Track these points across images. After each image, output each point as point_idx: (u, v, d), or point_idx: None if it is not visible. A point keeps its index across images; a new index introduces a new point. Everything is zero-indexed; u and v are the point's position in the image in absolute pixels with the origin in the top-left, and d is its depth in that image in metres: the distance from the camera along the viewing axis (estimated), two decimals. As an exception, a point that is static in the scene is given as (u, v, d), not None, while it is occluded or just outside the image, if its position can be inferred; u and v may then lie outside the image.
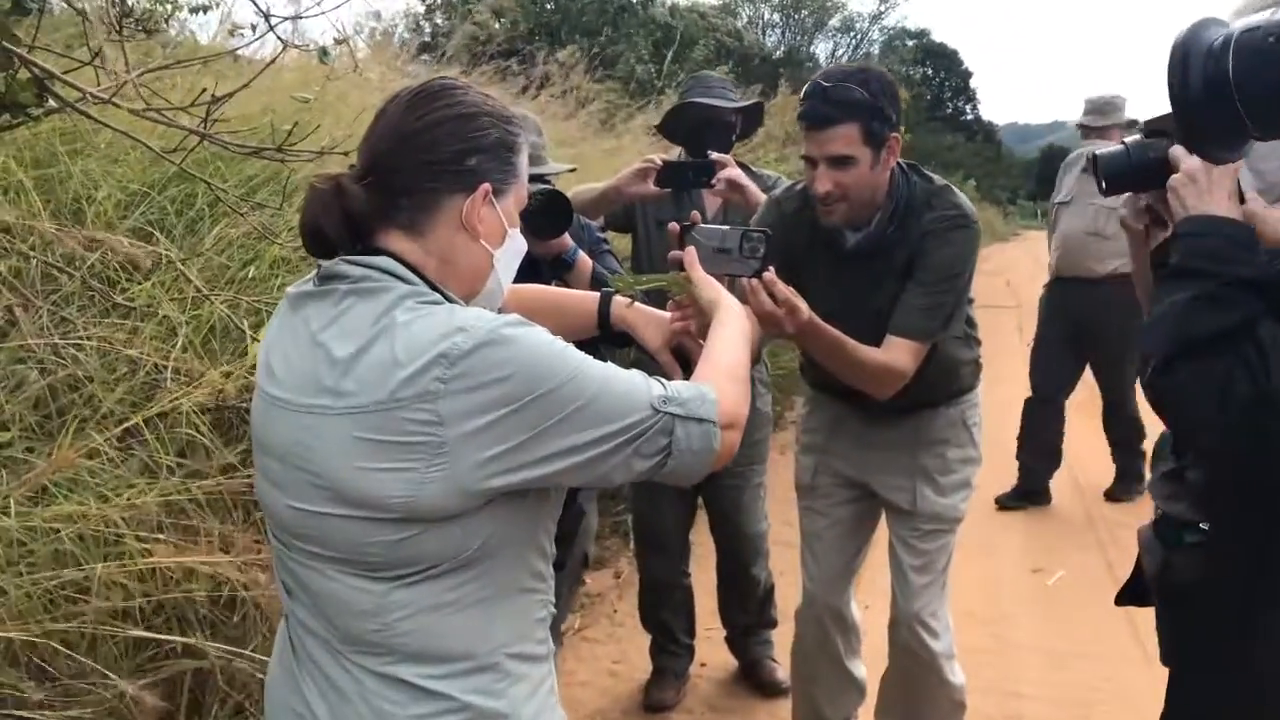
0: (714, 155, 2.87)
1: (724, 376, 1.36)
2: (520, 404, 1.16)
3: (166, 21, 3.99)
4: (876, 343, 2.22)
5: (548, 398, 1.17)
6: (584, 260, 2.49)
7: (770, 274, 1.92)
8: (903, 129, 2.27)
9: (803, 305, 2.02)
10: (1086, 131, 5.01)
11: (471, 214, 1.28)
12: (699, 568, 3.40)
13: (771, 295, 1.96)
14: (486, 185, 1.29)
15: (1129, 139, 1.53)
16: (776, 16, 20.09)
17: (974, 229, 2.34)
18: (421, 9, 13.95)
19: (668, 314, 1.63)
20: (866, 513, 2.68)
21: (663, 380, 1.28)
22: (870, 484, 2.61)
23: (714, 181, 2.84)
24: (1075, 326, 5.08)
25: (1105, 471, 5.27)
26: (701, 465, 1.27)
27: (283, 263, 3.16)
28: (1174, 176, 1.44)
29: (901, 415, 2.51)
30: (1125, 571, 1.75)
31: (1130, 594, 1.75)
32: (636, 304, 1.66)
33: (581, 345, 1.28)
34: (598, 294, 1.68)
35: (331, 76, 3.46)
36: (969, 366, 2.58)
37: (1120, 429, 5.28)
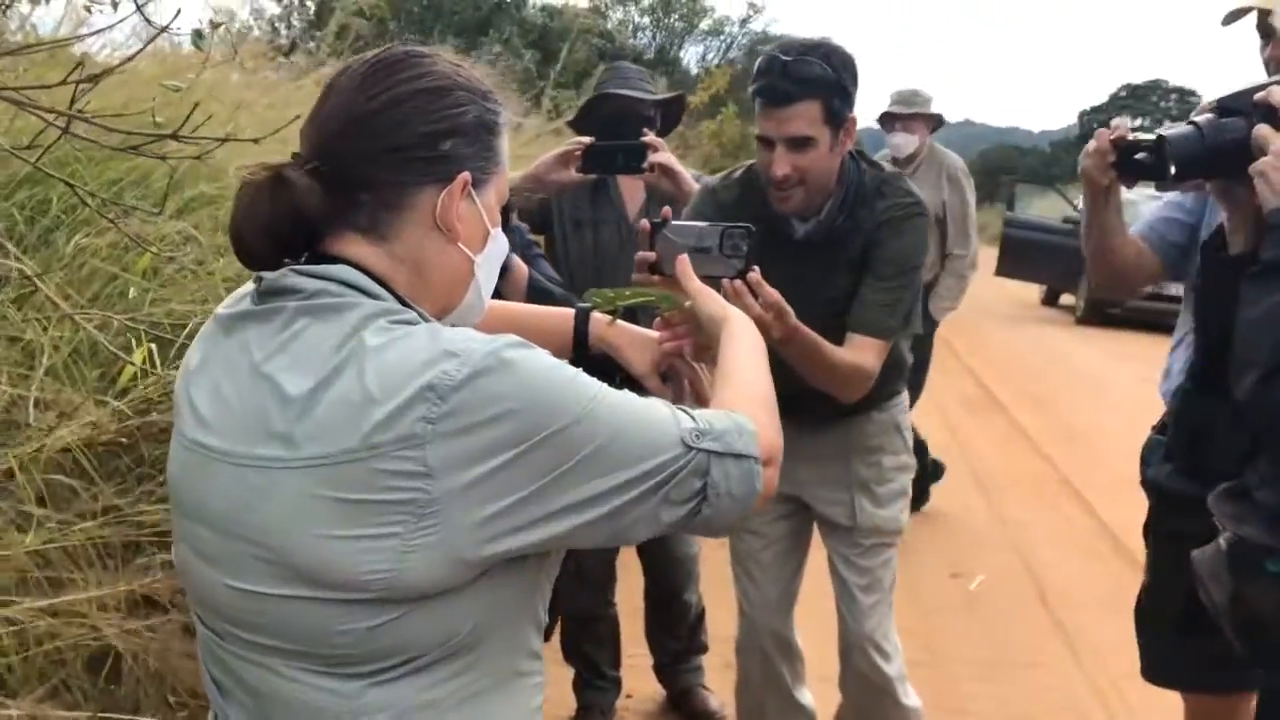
0: (648, 137, 2.61)
1: (754, 401, 1.14)
2: (527, 446, 0.94)
3: (4, 11, 3.56)
4: (826, 338, 2.05)
5: (560, 437, 0.95)
6: (519, 266, 2.25)
7: (755, 274, 1.74)
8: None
9: (789, 308, 1.86)
10: (889, 120, 4.83)
11: (448, 211, 1.04)
12: (622, 587, 3.16)
13: (757, 297, 1.78)
14: (465, 175, 1.05)
15: (1200, 117, 1.36)
16: (647, 19, 20.09)
17: (926, 217, 2.24)
18: (277, 9, 13.37)
19: (655, 333, 1.41)
20: (802, 528, 2.51)
21: (689, 410, 1.06)
22: (804, 497, 2.43)
23: (646, 166, 2.59)
24: None
25: (1006, 468, 5.29)
26: (741, 511, 1.05)
27: (154, 274, 2.81)
28: (1263, 160, 1.28)
29: (835, 421, 2.35)
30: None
31: (1188, 625, 1.62)
32: (619, 322, 1.43)
33: None
34: (572, 311, 1.45)
35: (208, 64, 3.09)
36: (905, 366, 2.46)
37: None
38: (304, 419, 0.93)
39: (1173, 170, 1.38)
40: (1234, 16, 1.95)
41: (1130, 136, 1.73)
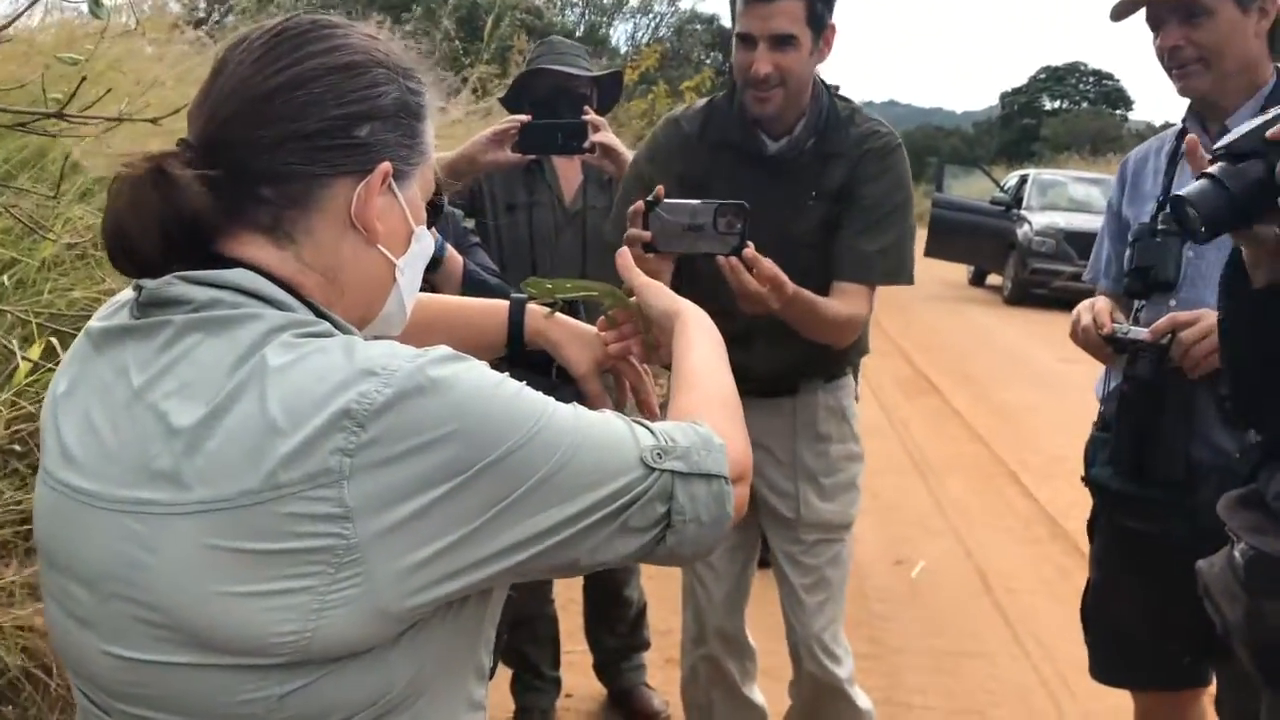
0: (588, 115, 2.45)
1: (718, 409, 1.01)
2: (463, 478, 0.80)
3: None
4: (785, 270, 1.90)
5: (501, 466, 0.82)
6: (454, 257, 2.07)
7: (751, 249, 1.68)
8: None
9: (786, 279, 1.81)
10: None
11: (365, 207, 0.90)
12: (559, 580, 3.01)
13: (754, 273, 1.73)
14: (386, 165, 0.90)
15: (1214, 168, 1.30)
16: (576, -3, 19.80)
17: (904, 151, 2.17)
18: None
19: (597, 330, 1.28)
20: (750, 521, 2.36)
21: (645, 422, 0.92)
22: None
23: (587, 145, 2.42)
24: None
25: (941, 451, 5.27)
26: (711, 539, 0.92)
27: (54, 265, 2.60)
28: None
29: (782, 396, 2.25)
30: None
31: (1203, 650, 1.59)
32: (557, 315, 1.29)
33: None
34: (506, 303, 1.30)
35: (108, 35, 2.85)
36: (864, 332, 2.32)
37: None
38: (194, 455, 0.79)
39: (1204, 230, 1.32)
40: (1123, 11, 1.94)
41: (1119, 332, 1.84)
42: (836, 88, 2.20)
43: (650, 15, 20.31)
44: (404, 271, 0.96)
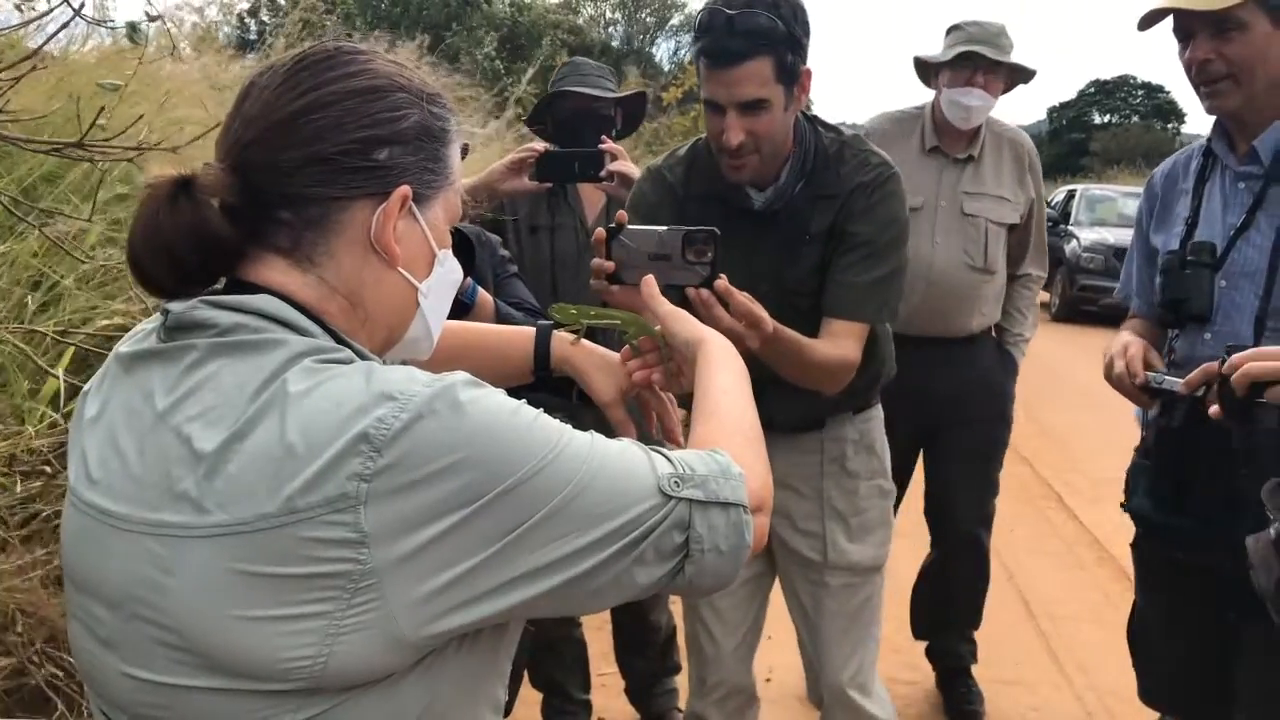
0: (606, 144, 2.45)
1: (739, 438, 1.00)
2: (480, 504, 0.80)
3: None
4: (782, 320, 1.81)
5: (518, 493, 0.81)
6: (485, 299, 2.03)
7: (724, 281, 1.54)
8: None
9: (764, 314, 1.67)
10: (960, 68, 3.02)
11: (385, 230, 0.90)
12: None
13: (728, 307, 1.59)
14: (405, 189, 0.91)
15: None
16: (618, 15, 19.87)
17: (899, 181, 2.00)
18: (246, 4, 13.12)
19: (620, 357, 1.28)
20: (766, 570, 2.25)
21: (664, 450, 0.92)
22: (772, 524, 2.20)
23: (603, 174, 2.41)
24: None
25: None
26: (730, 569, 0.91)
27: (85, 281, 2.62)
28: None
29: (807, 432, 2.13)
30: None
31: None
32: (583, 342, 1.29)
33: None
34: (532, 329, 1.31)
35: (144, 60, 2.89)
36: (884, 369, 2.21)
37: None
38: (214, 479, 0.79)
39: None
40: (1150, 20, 1.86)
41: (1153, 382, 1.78)
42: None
43: (646, 34, 20.38)
44: (427, 295, 0.97)
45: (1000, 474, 3.16)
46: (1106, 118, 50.89)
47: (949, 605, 3.22)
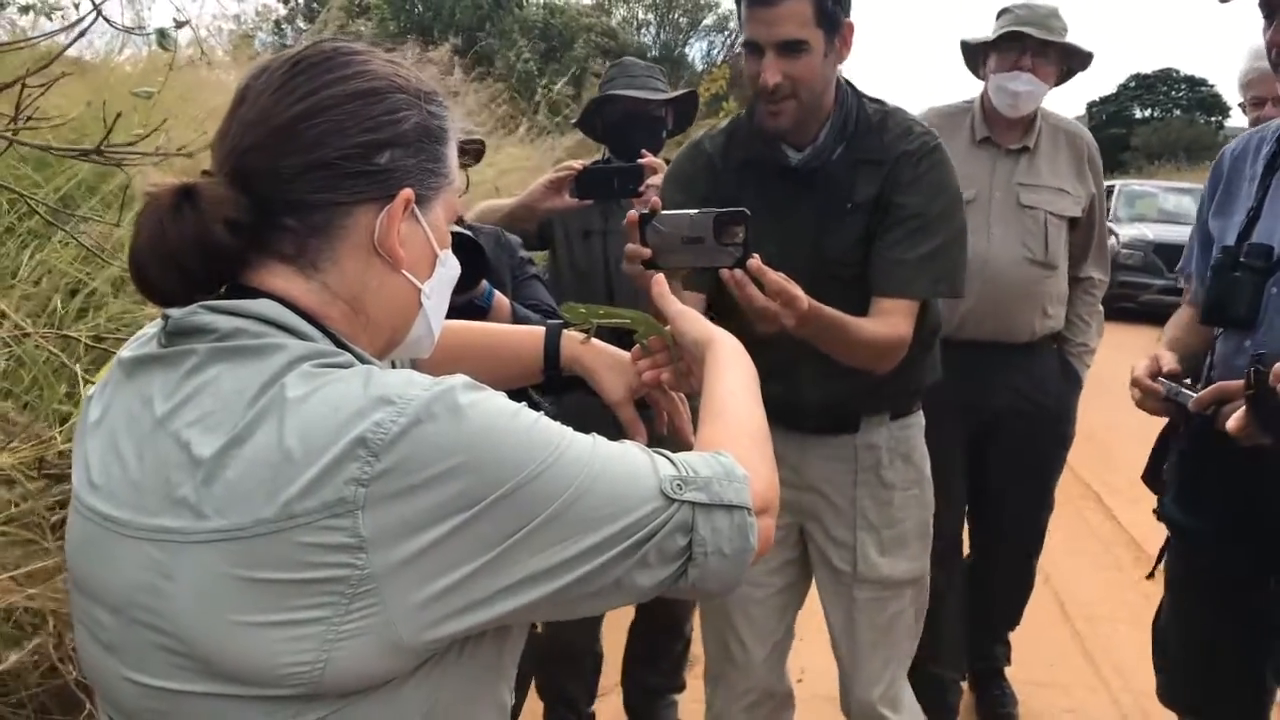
0: (644, 159, 2.41)
1: (745, 440, 0.99)
2: (479, 509, 0.79)
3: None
4: (820, 293, 1.77)
5: (517, 497, 0.81)
6: (501, 302, 2.02)
7: (756, 261, 1.54)
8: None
9: (799, 292, 1.64)
10: (1007, 50, 2.76)
11: (388, 233, 0.90)
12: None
13: (761, 287, 1.58)
14: (408, 192, 0.91)
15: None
16: (651, 16, 19.86)
17: (946, 152, 1.95)
18: (283, 10, 13.26)
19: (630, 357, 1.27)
20: (802, 576, 2.18)
21: (667, 453, 0.91)
22: (804, 526, 2.13)
23: (642, 189, 2.37)
24: None
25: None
26: (735, 572, 0.90)
27: (123, 284, 2.65)
28: None
29: (842, 430, 2.05)
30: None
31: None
32: (593, 341, 1.29)
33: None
34: (542, 329, 1.30)
35: (174, 66, 2.93)
36: (929, 368, 2.12)
37: None
38: (212, 484, 0.79)
39: None
40: None
41: (1168, 392, 1.71)
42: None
43: (725, 33, 20.33)
44: (430, 296, 0.97)
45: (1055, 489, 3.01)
46: (1147, 112, 50.07)
47: (988, 610, 3.08)
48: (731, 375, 1.09)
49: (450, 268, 1.00)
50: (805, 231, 1.92)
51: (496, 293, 2.02)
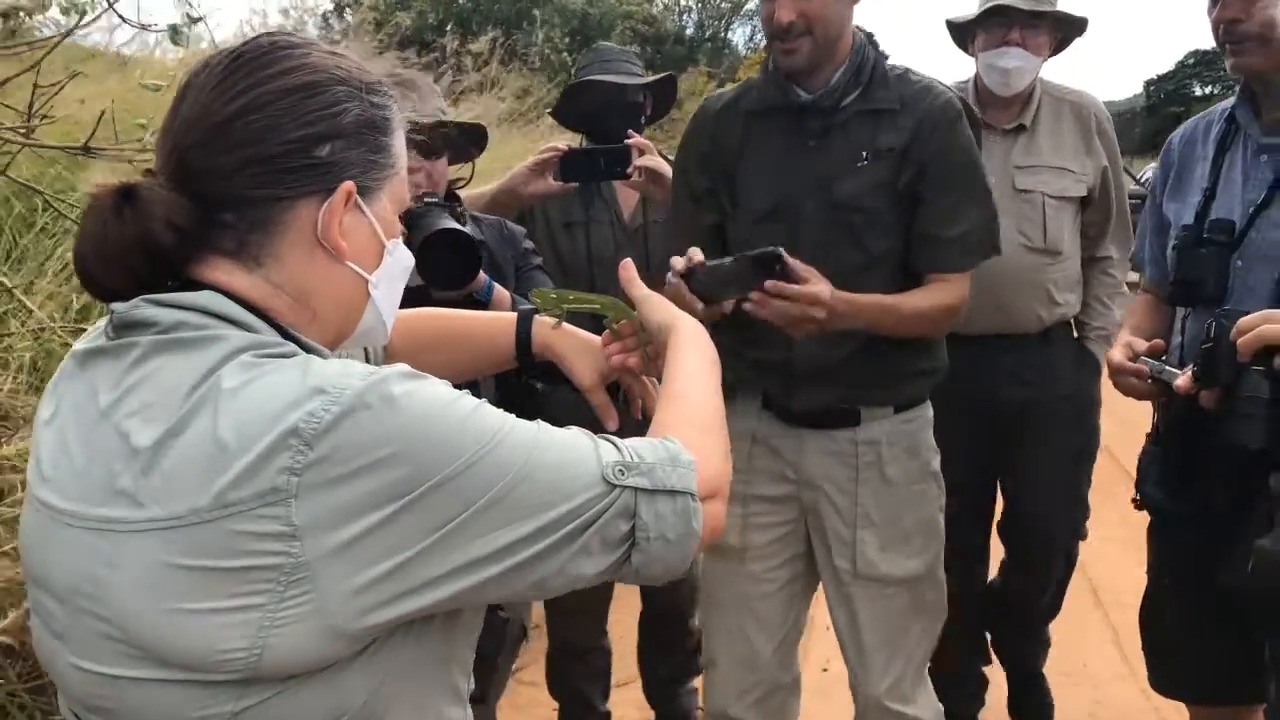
0: (632, 139, 2.36)
1: (694, 425, 1.00)
2: (412, 497, 0.81)
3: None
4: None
5: (452, 485, 0.82)
6: (501, 295, 2.02)
7: (773, 284, 1.65)
8: None
9: (820, 287, 1.71)
10: (992, 26, 2.65)
11: (331, 227, 0.91)
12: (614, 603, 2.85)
13: (785, 296, 1.67)
14: (349, 184, 0.91)
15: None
16: (692, 2, 19.78)
17: (964, 115, 1.97)
18: (330, 6, 13.38)
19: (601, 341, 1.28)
20: (810, 572, 2.14)
21: (614, 439, 0.91)
22: (808, 521, 2.09)
23: (630, 171, 2.33)
24: None
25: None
26: (680, 558, 0.91)
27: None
28: None
29: (841, 424, 2.01)
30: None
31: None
32: (565, 326, 1.30)
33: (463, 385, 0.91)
34: (514, 315, 1.32)
35: (186, 62, 2.97)
36: (937, 361, 2.09)
37: None
38: (150, 474, 0.81)
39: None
40: None
41: (1153, 370, 1.72)
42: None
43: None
44: (378, 286, 0.97)
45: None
46: (1208, 90, 48.84)
47: (1028, 610, 2.90)
48: (690, 360, 1.09)
49: (400, 258, 1.01)
50: (815, 180, 1.92)
51: (497, 286, 2.02)
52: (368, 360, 1.23)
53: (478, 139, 2.38)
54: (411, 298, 1.86)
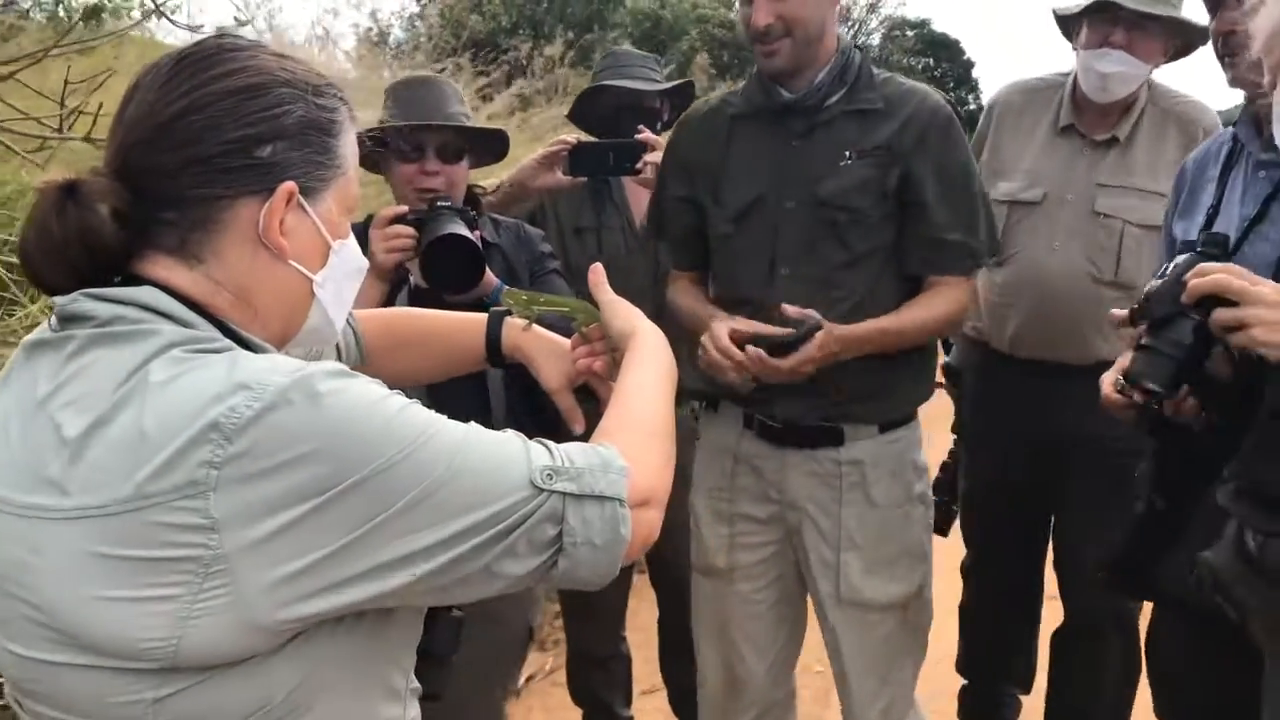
0: (643, 134, 2.33)
1: (637, 432, 1.02)
2: (331, 495, 0.82)
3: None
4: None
5: (373, 484, 0.83)
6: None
7: (793, 359, 1.81)
8: None
9: (822, 327, 1.81)
10: (1097, 21, 2.32)
11: (271, 226, 0.93)
12: (635, 606, 2.86)
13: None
14: (290, 184, 0.93)
15: (1149, 340, 1.48)
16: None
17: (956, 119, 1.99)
18: (417, 8, 13.59)
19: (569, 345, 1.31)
20: (799, 577, 2.09)
21: (548, 444, 0.93)
22: (793, 542, 2.06)
23: (640, 166, 2.29)
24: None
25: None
26: (607, 563, 0.93)
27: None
28: (1249, 333, 1.36)
29: (824, 443, 1.97)
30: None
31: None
32: (535, 329, 1.33)
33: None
34: (484, 316, 1.35)
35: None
36: (926, 377, 2.08)
37: None
38: (77, 464, 0.83)
39: (1163, 391, 1.48)
40: None
41: (1125, 395, 1.66)
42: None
43: (848, 23, 19.96)
44: (324, 285, 0.99)
45: None
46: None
47: (1096, 699, 2.56)
48: (645, 369, 1.11)
49: (348, 259, 1.02)
50: (799, 178, 1.92)
51: (506, 288, 2.04)
52: (339, 358, 1.26)
53: (497, 145, 2.40)
54: (422, 300, 1.89)
